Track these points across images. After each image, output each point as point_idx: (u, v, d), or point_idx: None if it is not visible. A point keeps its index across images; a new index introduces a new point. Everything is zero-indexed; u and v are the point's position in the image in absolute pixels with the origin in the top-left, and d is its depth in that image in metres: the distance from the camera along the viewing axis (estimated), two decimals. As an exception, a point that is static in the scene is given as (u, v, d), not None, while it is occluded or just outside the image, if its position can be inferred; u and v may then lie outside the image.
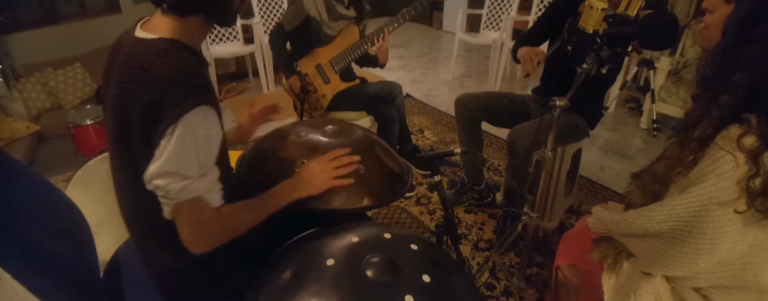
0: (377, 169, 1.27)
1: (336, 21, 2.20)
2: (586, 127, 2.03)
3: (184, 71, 0.85)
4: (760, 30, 0.86)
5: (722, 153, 0.88)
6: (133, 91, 0.87)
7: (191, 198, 0.88)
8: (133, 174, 0.96)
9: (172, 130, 0.83)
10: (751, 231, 0.89)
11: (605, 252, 1.13)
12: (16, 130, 3.09)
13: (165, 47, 0.89)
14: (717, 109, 0.91)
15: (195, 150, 0.86)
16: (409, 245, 0.86)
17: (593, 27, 1.17)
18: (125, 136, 0.92)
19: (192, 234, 0.91)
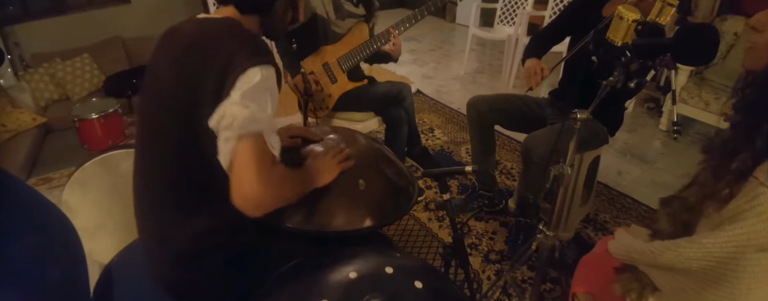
0: (380, 184, 1.19)
1: (344, 19, 2.11)
2: (606, 134, 1.93)
3: (252, 39, 0.95)
4: None
5: (763, 190, 0.79)
6: (206, 58, 0.91)
7: (257, 132, 0.87)
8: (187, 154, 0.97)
9: (243, 77, 0.87)
10: None
11: (629, 286, 1.04)
12: (22, 122, 3.08)
13: (232, 23, 0.98)
14: (761, 140, 0.82)
15: (261, 95, 0.89)
16: (414, 281, 0.78)
17: (622, 39, 1.06)
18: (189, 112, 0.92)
19: (256, 179, 0.84)
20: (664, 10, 1.07)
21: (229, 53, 0.89)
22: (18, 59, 3.68)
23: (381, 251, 0.91)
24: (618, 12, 1.06)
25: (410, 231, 2.14)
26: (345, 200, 1.11)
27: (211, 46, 0.93)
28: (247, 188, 0.84)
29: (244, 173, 0.85)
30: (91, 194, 1.67)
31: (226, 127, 0.85)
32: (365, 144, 1.33)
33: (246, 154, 0.85)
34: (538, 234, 1.43)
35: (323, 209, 1.08)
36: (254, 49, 0.91)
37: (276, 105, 0.94)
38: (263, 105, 0.88)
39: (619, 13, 1.05)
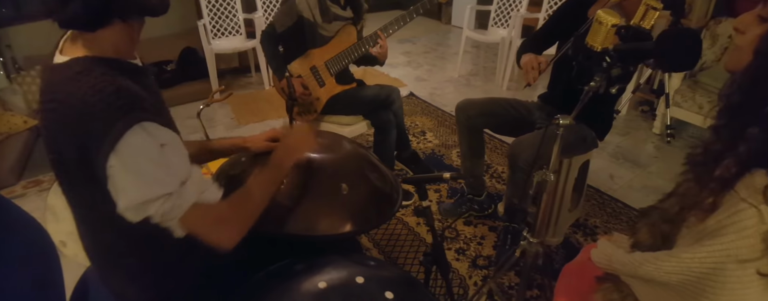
0: (363, 189, 1.18)
1: (331, 22, 2.09)
2: (594, 138, 1.92)
3: (102, 93, 0.75)
4: None
5: (744, 205, 0.75)
6: (57, 128, 0.79)
7: (189, 208, 0.81)
8: (82, 212, 0.90)
9: (114, 160, 0.74)
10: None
11: (609, 296, 1.03)
12: (13, 125, 3.06)
13: (78, 70, 0.78)
14: (745, 145, 0.78)
15: (157, 167, 0.77)
16: (385, 292, 0.77)
17: (602, 44, 1.04)
18: (66, 176, 0.85)
19: (216, 237, 0.85)
20: (648, 14, 1.05)
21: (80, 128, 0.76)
22: (10, 62, 3.66)
23: (355, 259, 0.90)
24: (597, 16, 1.03)
25: (398, 235, 2.13)
26: (326, 204, 1.10)
27: (58, 113, 0.78)
28: (212, 243, 0.85)
29: (202, 237, 0.85)
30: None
31: (157, 222, 0.81)
32: (350, 149, 1.32)
33: (192, 226, 0.84)
34: (522, 240, 1.41)
35: (303, 213, 1.07)
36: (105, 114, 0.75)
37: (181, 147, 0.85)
38: (169, 180, 0.79)
39: (599, 17, 1.03)
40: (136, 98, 0.78)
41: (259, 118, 3.35)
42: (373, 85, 2.32)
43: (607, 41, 1.04)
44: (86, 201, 0.85)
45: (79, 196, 0.86)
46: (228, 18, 3.74)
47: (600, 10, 1.05)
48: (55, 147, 0.82)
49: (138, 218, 0.79)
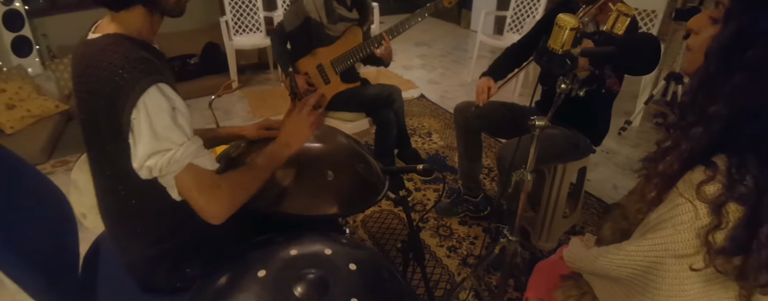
0: (348, 178, 1.28)
1: (336, 23, 2.21)
2: (588, 145, 1.96)
3: (130, 57, 0.89)
4: (746, 56, 0.72)
5: (681, 200, 0.77)
6: (92, 90, 0.92)
7: (185, 166, 0.92)
8: (104, 169, 1.02)
9: (136, 113, 0.88)
10: (713, 294, 0.79)
11: (569, 292, 1.07)
12: (46, 108, 3.26)
13: (109, 42, 0.93)
14: (686, 143, 0.79)
15: (167, 124, 0.90)
16: (349, 264, 0.87)
17: (563, 47, 1.09)
18: (94, 135, 0.97)
19: (205, 202, 0.95)
20: (619, 20, 1.12)
21: (110, 89, 0.88)
22: (45, 50, 3.90)
23: (331, 237, 1.00)
24: (557, 20, 1.08)
25: (393, 229, 2.23)
26: (311, 188, 1.21)
27: (92, 79, 0.91)
28: (202, 211, 0.96)
29: (192, 201, 0.95)
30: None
31: (157, 176, 0.93)
32: (342, 141, 1.43)
33: (185, 188, 0.94)
34: (502, 238, 1.49)
35: (292, 195, 1.17)
36: (131, 75, 0.87)
37: (187, 115, 0.95)
38: (174, 136, 0.90)
39: (559, 21, 1.08)
40: (156, 65, 0.92)
41: (273, 113, 3.49)
42: (376, 84, 2.43)
43: (567, 44, 1.09)
44: (108, 159, 0.97)
45: (103, 154, 0.98)
46: (249, 15, 3.91)
47: (561, 14, 1.09)
48: (87, 107, 0.95)
49: (144, 173, 0.91)
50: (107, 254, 1.26)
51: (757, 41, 0.71)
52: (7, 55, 3.50)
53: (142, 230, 1.06)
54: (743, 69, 0.72)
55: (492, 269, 1.89)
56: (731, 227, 0.73)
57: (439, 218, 2.32)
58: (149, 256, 1.08)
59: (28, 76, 3.47)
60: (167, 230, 1.07)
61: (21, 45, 3.57)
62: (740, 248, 0.72)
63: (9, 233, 0.93)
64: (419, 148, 2.94)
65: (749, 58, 0.71)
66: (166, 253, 1.07)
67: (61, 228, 1.21)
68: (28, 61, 3.60)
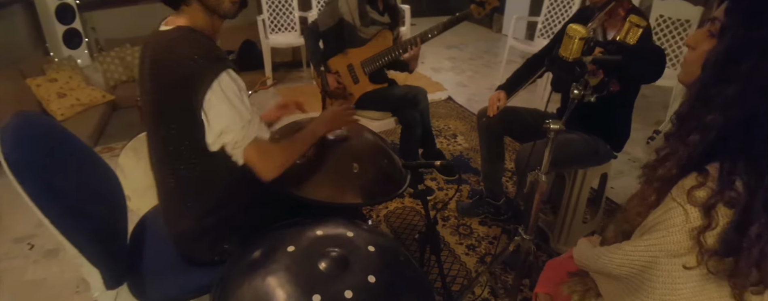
0: (372, 171, 1.38)
1: (368, 26, 2.31)
2: (609, 151, 1.99)
3: (201, 47, 1.04)
4: (741, 69, 0.77)
5: (674, 205, 0.82)
6: (166, 74, 1.05)
7: (252, 140, 1.10)
8: (167, 148, 1.15)
9: (211, 94, 1.02)
10: (706, 294, 0.83)
11: (573, 288, 1.13)
12: (93, 98, 3.47)
13: (181, 34, 1.07)
14: (684, 149, 0.85)
15: (236, 104, 1.05)
16: (368, 246, 0.97)
17: (573, 56, 1.14)
18: (162, 116, 1.11)
19: (263, 165, 1.14)
20: (632, 31, 1.18)
21: (183, 73, 1.01)
22: (94, 42, 4.14)
23: (354, 222, 1.09)
24: (567, 30, 1.14)
25: (414, 225, 2.31)
26: (337, 178, 1.31)
27: (167, 64, 1.04)
28: (259, 172, 1.14)
29: (254, 165, 1.14)
30: (143, 160, 1.94)
31: (229, 149, 1.10)
32: (369, 137, 1.53)
33: (250, 155, 1.12)
34: (516, 236, 1.55)
35: (321, 184, 1.28)
36: (205, 62, 1.01)
37: (246, 95, 1.11)
38: (245, 113, 1.06)
39: (569, 31, 1.14)
40: (224, 54, 1.07)
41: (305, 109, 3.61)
42: (403, 85, 2.52)
43: (576, 52, 1.14)
44: (173, 138, 1.11)
45: (168, 133, 1.11)
46: (285, 15, 4.06)
47: (571, 25, 1.15)
48: (158, 90, 1.08)
49: (217, 145, 1.07)
50: (153, 229, 1.39)
51: (750, 54, 0.76)
52: (59, 47, 3.74)
53: (191, 206, 1.19)
54: (737, 80, 0.77)
55: (508, 268, 1.94)
56: (721, 229, 0.77)
57: (460, 217, 2.38)
58: (194, 230, 1.20)
59: (78, 67, 3.69)
60: (213, 207, 1.20)
61: (71, 37, 3.80)
62: (731, 250, 0.77)
63: (72, 203, 1.06)
64: (444, 149, 3.00)
65: (743, 70, 0.76)
66: (209, 228, 1.20)
67: (113, 202, 1.35)
68: (77, 52, 3.83)
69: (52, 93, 3.26)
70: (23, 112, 1.16)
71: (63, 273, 2.03)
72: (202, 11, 1.11)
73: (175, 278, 1.23)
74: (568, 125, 1.37)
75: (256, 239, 1.02)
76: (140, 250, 1.31)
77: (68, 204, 1.03)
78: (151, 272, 1.24)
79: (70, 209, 1.03)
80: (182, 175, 1.16)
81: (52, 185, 1.00)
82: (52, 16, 3.63)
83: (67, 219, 1.01)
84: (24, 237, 2.25)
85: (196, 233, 1.21)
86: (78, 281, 1.97)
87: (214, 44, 1.09)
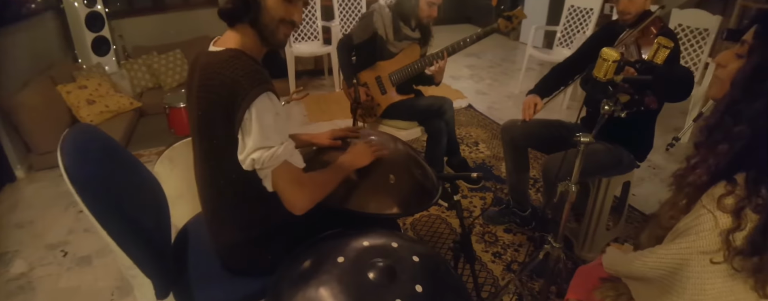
0: (407, 181, 1.42)
1: (401, 41, 2.38)
2: (632, 160, 2.02)
3: (247, 69, 1.08)
4: (766, 86, 0.86)
5: (704, 211, 0.89)
6: (213, 92, 1.10)
7: (281, 163, 1.10)
8: (211, 162, 1.20)
9: (248, 114, 1.06)
10: (732, 294, 0.89)
11: (606, 293, 1.17)
12: (122, 105, 3.55)
13: (231, 55, 1.11)
14: (714, 158, 0.92)
15: (271, 125, 1.07)
16: (412, 256, 1.01)
17: (606, 76, 1.22)
18: (207, 129, 1.16)
19: (294, 194, 1.13)
20: (660, 51, 1.24)
21: (228, 92, 1.05)
22: (121, 50, 4.24)
23: (395, 233, 1.13)
24: (601, 53, 1.22)
25: (440, 234, 2.35)
26: (376, 190, 1.36)
27: (214, 83, 1.08)
28: (289, 203, 1.14)
29: (283, 194, 1.14)
30: (177, 168, 2.00)
31: (258, 168, 1.11)
32: (401, 148, 1.57)
33: (280, 181, 1.12)
34: (546, 244, 1.58)
35: (359, 195, 1.32)
36: (248, 83, 1.05)
37: (285, 120, 1.13)
38: (276, 137, 1.08)
39: (603, 54, 1.21)
40: (267, 77, 1.11)
41: (328, 118, 3.67)
42: (429, 96, 2.57)
43: (609, 74, 1.22)
44: (215, 152, 1.15)
45: (211, 147, 1.16)
46: (308, 25, 4.13)
47: (604, 48, 1.22)
48: (206, 105, 1.13)
49: (246, 164, 1.09)
50: (195, 238, 1.44)
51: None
52: (88, 54, 3.85)
53: (234, 217, 1.23)
54: (763, 96, 0.86)
55: (535, 275, 1.97)
56: (748, 232, 0.85)
57: (486, 225, 2.41)
58: (238, 240, 1.25)
59: (106, 74, 3.78)
60: (255, 219, 1.24)
61: (100, 45, 3.91)
62: (756, 250, 0.84)
63: (131, 216, 1.11)
64: (467, 157, 3.04)
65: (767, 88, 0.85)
66: (251, 239, 1.24)
67: (160, 212, 1.40)
68: (105, 59, 3.94)
69: (81, 100, 3.34)
70: (80, 124, 1.21)
71: (97, 281, 2.05)
72: (254, 36, 1.15)
73: (219, 288, 1.27)
74: (595, 137, 1.41)
75: (304, 250, 1.06)
76: (184, 259, 1.36)
77: (128, 218, 1.07)
78: (196, 282, 1.28)
79: (129, 222, 1.07)
80: (225, 188, 1.21)
81: (112, 200, 1.04)
82: (81, 24, 3.74)
83: (128, 234, 1.05)
84: (57, 244, 2.29)
85: (240, 243, 1.26)
86: (113, 289, 2.00)
87: (259, 67, 1.13)
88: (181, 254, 1.40)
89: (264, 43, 1.18)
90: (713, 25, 3.21)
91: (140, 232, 1.12)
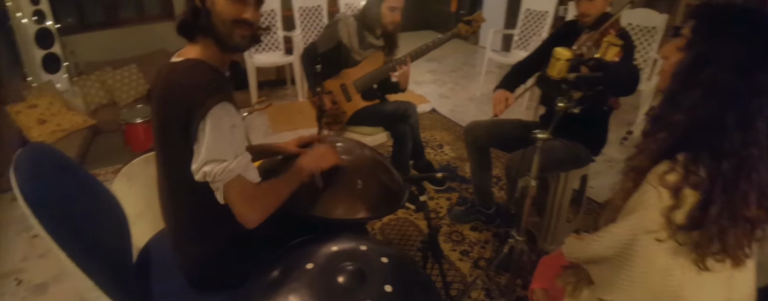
0: (374, 185, 1.44)
1: (366, 49, 2.42)
2: (588, 155, 2.11)
3: (204, 78, 1.08)
4: (702, 76, 0.92)
5: (649, 187, 0.96)
6: (171, 102, 1.09)
7: (234, 177, 1.08)
8: (171, 174, 1.18)
9: (203, 124, 1.04)
10: (678, 266, 0.96)
11: (567, 279, 1.22)
12: (74, 123, 3.42)
13: (190, 65, 1.12)
14: (655, 144, 0.99)
15: (225, 137, 1.06)
16: (381, 257, 1.02)
17: (559, 74, 1.28)
18: (167, 140, 1.14)
19: (245, 208, 1.10)
20: (610, 49, 1.30)
21: (184, 102, 1.04)
22: (73, 66, 4.09)
23: (363, 237, 1.14)
24: (554, 53, 1.28)
25: (409, 236, 2.37)
26: (344, 195, 1.37)
27: (172, 94, 1.08)
28: (240, 216, 1.11)
29: (233, 208, 1.11)
30: (135, 186, 1.95)
31: (210, 181, 1.08)
32: (368, 154, 1.59)
33: (231, 195, 1.09)
34: (510, 239, 1.63)
35: (328, 201, 1.33)
36: (205, 93, 1.03)
37: (243, 134, 1.12)
38: (229, 149, 1.06)
39: (555, 54, 1.27)
40: (225, 87, 1.10)
41: (292, 127, 3.65)
42: (393, 101, 2.60)
43: (562, 72, 1.28)
44: (175, 164, 1.13)
45: (171, 159, 1.14)
46: (269, 35, 4.10)
47: (557, 48, 1.28)
48: (166, 117, 1.11)
49: (198, 175, 1.06)
50: (158, 256, 1.41)
51: (710, 65, 0.92)
52: (38, 72, 3.69)
53: (198, 230, 1.21)
54: (698, 87, 0.93)
55: (501, 270, 2.02)
56: (688, 208, 0.92)
57: (452, 224, 2.45)
58: (202, 254, 1.22)
59: (58, 92, 3.63)
60: (220, 231, 1.22)
61: (50, 62, 3.75)
62: (695, 225, 0.92)
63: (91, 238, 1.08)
64: (432, 159, 3.07)
65: (703, 78, 0.92)
66: (217, 253, 1.22)
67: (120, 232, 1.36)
68: (56, 77, 3.78)
69: (32, 120, 3.21)
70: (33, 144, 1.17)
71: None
72: (213, 45, 1.15)
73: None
74: (552, 134, 1.47)
75: (273, 259, 1.06)
76: (148, 278, 1.32)
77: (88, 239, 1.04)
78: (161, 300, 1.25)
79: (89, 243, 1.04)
80: (187, 200, 1.19)
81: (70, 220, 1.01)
82: (31, 41, 3.59)
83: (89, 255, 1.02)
84: (10, 272, 2.17)
85: (206, 257, 1.23)
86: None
87: (218, 75, 1.12)
88: (144, 273, 1.36)
89: (223, 49, 1.17)
90: (661, 24, 3.40)
91: (101, 252, 1.09)
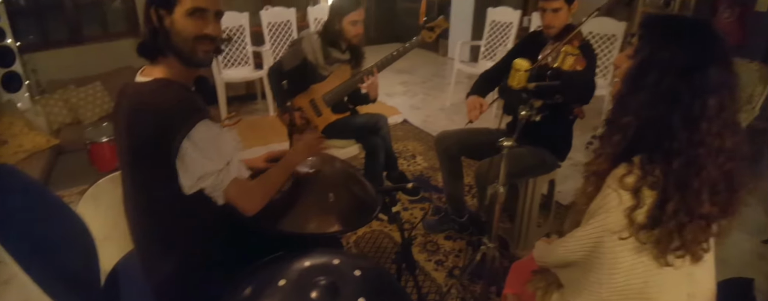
0: (346, 198, 1.44)
1: (331, 64, 2.43)
2: (555, 160, 2.18)
3: (178, 98, 1.08)
4: (647, 80, 0.97)
5: (609, 191, 1.00)
6: (143, 124, 1.08)
7: (230, 181, 1.14)
8: (143, 193, 1.17)
9: (186, 144, 1.05)
10: (642, 265, 1.00)
11: (537, 284, 1.25)
12: (37, 143, 3.32)
13: (160, 85, 1.11)
14: (610, 147, 1.04)
15: (212, 150, 1.09)
16: (354, 270, 1.02)
17: (518, 84, 1.34)
18: (138, 161, 1.13)
19: (244, 202, 1.19)
20: (567, 59, 1.36)
21: (160, 123, 1.05)
22: (35, 85, 3.97)
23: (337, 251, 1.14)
24: (514, 64, 1.33)
25: (384, 248, 2.37)
26: (316, 209, 1.37)
27: (144, 115, 1.08)
28: (241, 209, 1.20)
29: (235, 203, 1.18)
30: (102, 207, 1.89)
31: (208, 192, 1.13)
32: (339, 166, 1.59)
33: (232, 196, 1.17)
34: (482, 246, 1.66)
35: (296, 215, 1.33)
36: (182, 114, 1.05)
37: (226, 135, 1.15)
38: (219, 159, 1.10)
39: (515, 65, 1.33)
40: (201, 104, 1.14)
41: (263, 143, 3.61)
42: (364, 113, 2.63)
43: (521, 82, 1.34)
44: (148, 184, 1.13)
45: (143, 179, 1.13)
46: (238, 50, 4.08)
47: (516, 59, 1.34)
48: (135, 137, 1.10)
49: (194, 189, 1.10)
50: (126, 278, 1.37)
51: (653, 70, 0.97)
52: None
53: (169, 249, 1.20)
54: (644, 90, 0.98)
55: (476, 278, 2.04)
56: (648, 207, 0.96)
57: (427, 234, 2.47)
58: (173, 274, 1.20)
59: (19, 112, 3.52)
60: (191, 250, 1.21)
61: (11, 81, 3.63)
62: (655, 223, 0.96)
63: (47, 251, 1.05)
64: (405, 170, 3.10)
65: (648, 82, 0.97)
66: (188, 272, 1.21)
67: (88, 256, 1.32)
68: (17, 96, 3.66)
69: (-8, 141, 3.11)
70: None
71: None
72: (178, 62, 1.14)
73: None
74: (519, 141, 1.52)
75: (244, 277, 1.05)
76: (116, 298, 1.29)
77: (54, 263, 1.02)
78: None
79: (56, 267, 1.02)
80: (160, 219, 1.18)
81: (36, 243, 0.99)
82: (-10, 60, 3.49)
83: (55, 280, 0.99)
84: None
85: (177, 277, 1.22)
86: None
87: (191, 94, 1.13)
88: (112, 297, 1.33)
89: (187, 65, 1.16)
90: (619, 31, 3.54)
91: (69, 277, 1.06)
